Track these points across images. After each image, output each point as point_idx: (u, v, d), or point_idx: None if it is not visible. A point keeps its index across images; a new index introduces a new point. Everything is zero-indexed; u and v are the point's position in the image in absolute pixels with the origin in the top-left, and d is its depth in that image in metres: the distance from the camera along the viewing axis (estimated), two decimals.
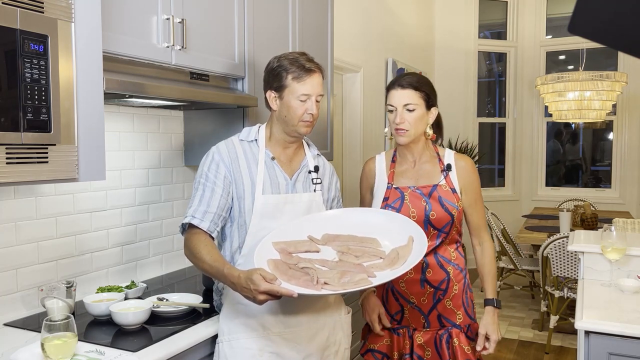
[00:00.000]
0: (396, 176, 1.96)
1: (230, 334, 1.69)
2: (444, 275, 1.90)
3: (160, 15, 1.87)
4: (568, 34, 2.25)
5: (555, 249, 3.94)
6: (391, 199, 1.91)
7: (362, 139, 4.74)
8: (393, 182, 1.95)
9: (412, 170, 1.96)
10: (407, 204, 1.89)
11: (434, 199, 1.89)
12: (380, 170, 2.00)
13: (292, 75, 1.71)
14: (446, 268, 1.91)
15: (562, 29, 6.45)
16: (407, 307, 1.93)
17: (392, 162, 1.99)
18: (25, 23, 1.36)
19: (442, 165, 1.96)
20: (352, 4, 4.45)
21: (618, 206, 6.31)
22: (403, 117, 1.86)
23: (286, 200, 1.74)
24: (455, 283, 1.92)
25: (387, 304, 1.96)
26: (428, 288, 1.90)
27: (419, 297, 1.91)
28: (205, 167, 1.73)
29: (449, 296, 1.91)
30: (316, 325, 1.75)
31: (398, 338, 1.94)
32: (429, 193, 1.90)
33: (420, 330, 1.93)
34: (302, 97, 1.72)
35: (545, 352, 4.00)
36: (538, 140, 6.83)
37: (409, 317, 1.94)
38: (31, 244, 1.91)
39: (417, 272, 1.89)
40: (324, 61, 2.98)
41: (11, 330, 1.74)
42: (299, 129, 1.75)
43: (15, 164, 1.36)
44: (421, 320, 1.93)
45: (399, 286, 1.93)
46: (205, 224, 1.67)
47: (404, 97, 1.86)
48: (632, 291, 2.19)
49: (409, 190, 1.91)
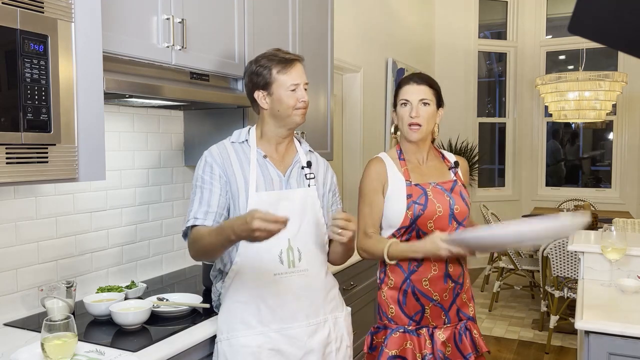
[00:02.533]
0: (410, 173, 1.96)
1: (229, 332, 1.69)
2: (461, 269, 1.95)
3: (160, 15, 1.87)
4: (568, 34, 2.24)
5: (555, 249, 3.95)
6: (415, 195, 1.89)
7: (362, 139, 4.74)
8: (411, 179, 1.93)
9: (420, 167, 1.98)
10: (432, 200, 1.89)
11: (455, 194, 1.93)
12: (391, 169, 1.96)
13: (276, 69, 1.73)
14: (461, 262, 1.95)
15: (562, 29, 6.45)
16: (428, 305, 1.90)
17: (401, 161, 1.98)
18: (25, 23, 1.36)
19: (448, 163, 2.01)
20: (352, 4, 4.45)
21: (618, 206, 6.31)
22: (418, 111, 1.90)
23: (280, 196, 1.74)
24: (467, 276, 1.99)
25: (406, 306, 1.91)
26: (450, 283, 1.92)
27: (442, 294, 1.91)
28: (200, 171, 1.74)
29: (464, 289, 1.96)
30: (316, 321, 1.74)
31: (419, 339, 1.91)
32: (451, 188, 1.94)
33: (441, 327, 1.93)
34: (292, 87, 1.74)
35: (545, 352, 4.00)
36: (538, 140, 6.83)
37: (430, 316, 1.91)
38: (31, 244, 1.91)
39: (441, 268, 1.90)
40: (324, 61, 2.98)
41: (11, 330, 1.74)
42: (295, 118, 1.76)
43: (15, 164, 1.36)
44: (442, 317, 1.93)
45: (421, 286, 1.89)
46: (209, 222, 1.67)
47: (420, 92, 1.91)
48: (632, 291, 2.19)
49: (430, 186, 1.93)
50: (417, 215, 1.86)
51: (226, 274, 1.75)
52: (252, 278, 1.70)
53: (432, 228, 1.86)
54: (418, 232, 1.88)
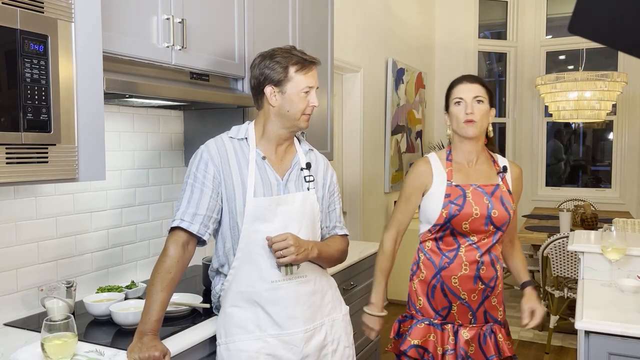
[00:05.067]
0: (455, 174, 1.98)
1: (227, 337, 1.68)
2: (494, 273, 1.96)
3: (160, 15, 1.87)
4: (568, 34, 2.25)
5: (555, 249, 3.94)
6: (453, 196, 1.93)
7: (362, 139, 4.74)
8: (452, 180, 1.96)
9: (467, 169, 1.99)
10: (470, 202, 1.91)
11: (495, 198, 1.94)
12: (437, 169, 1.99)
13: (293, 68, 1.68)
14: (495, 266, 1.97)
15: (562, 29, 6.45)
16: (456, 303, 1.94)
17: (447, 161, 2.01)
18: (25, 23, 1.36)
19: (498, 167, 2.02)
20: (352, 4, 4.45)
21: (618, 206, 6.31)
22: (473, 108, 1.92)
23: (279, 201, 1.69)
24: (500, 281, 2.00)
25: (433, 300, 1.96)
26: (480, 285, 1.94)
27: (470, 294, 1.94)
28: (194, 167, 1.69)
29: (495, 293, 1.97)
30: (313, 326, 1.74)
31: (442, 334, 1.95)
32: (492, 192, 1.95)
33: (467, 326, 1.95)
34: (306, 89, 1.70)
35: (545, 352, 4.00)
36: (538, 140, 6.83)
37: (457, 313, 1.95)
38: (31, 244, 1.91)
39: (472, 269, 1.92)
40: (324, 61, 2.98)
41: (11, 330, 1.74)
42: (301, 123, 1.72)
43: (15, 164, 1.36)
44: (469, 316, 1.95)
45: (450, 283, 1.93)
46: (195, 226, 1.64)
47: (474, 90, 1.94)
48: (632, 291, 2.19)
49: (471, 187, 1.95)
50: (452, 215, 1.90)
51: (225, 276, 1.74)
52: (250, 283, 1.69)
53: (467, 229, 1.91)
54: (452, 231, 1.93)
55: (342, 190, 4.69)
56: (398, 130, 5.47)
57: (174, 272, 1.61)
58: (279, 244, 1.62)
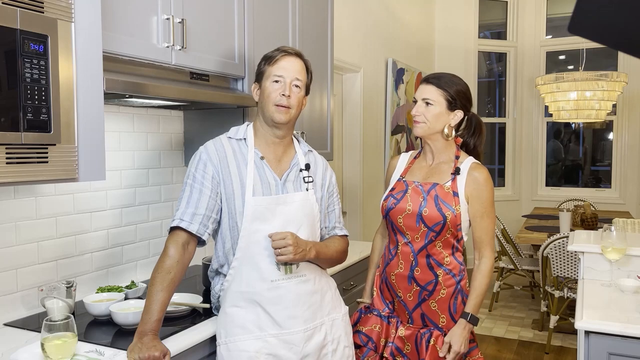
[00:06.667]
0: (411, 171, 2.05)
1: (227, 337, 1.68)
2: (432, 277, 1.92)
3: (160, 15, 1.87)
4: (568, 34, 2.25)
5: (555, 249, 3.95)
6: (396, 190, 2.01)
7: (362, 139, 4.74)
8: (404, 176, 2.04)
9: (427, 168, 2.02)
10: (407, 197, 1.96)
11: (430, 197, 1.93)
12: (400, 165, 2.10)
13: (268, 61, 1.74)
14: (435, 271, 1.92)
15: (562, 29, 6.45)
16: (395, 299, 2.00)
17: (413, 158, 2.09)
18: (25, 23, 1.36)
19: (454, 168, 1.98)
20: (352, 4, 4.45)
21: (618, 206, 6.31)
22: (419, 109, 1.96)
23: (277, 201, 1.70)
24: (443, 287, 1.91)
25: (383, 293, 2.05)
26: (415, 286, 1.94)
27: (406, 293, 1.96)
28: (193, 168, 1.70)
29: (434, 298, 1.92)
30: (313, 325, 1.74)
31: (388, 326, 2.00)
32: (428, 190, 1.95)
33: (405, 324, 1.99)
34: (275, 78, 1.72)
35: (545, 352, 4.00)
36: (538, 140, 6.83)
37: (397, 309, 2.01)
38: (31, 244, 1.91)
39: (406, 268, 1.95)
40: (324, 61, 2.98)
41: (11, 330, 1.74)
42: (273, 115, 1.71)
43: (15, 164, 1.36)
44: (406, 315, 1.98)
45: (390, 279, 1.99)
46: (194, 226, 1.65)
47: (424, 92, 1.96)
48: (632, 291, 2.19)
49: (413, 184, 1.98)
50: (389, 208, 1.98)
51: (224, 276, 1.74)
52: (249, 283, 1.69)
53: (401, 224, 1.95)
54: (393, 227, 1.99)
55: (342, 190, 4.69)
56: (398, 130, 5.47)
57: (174, 272, 1.61)
58: (277, 242, 1.63)
